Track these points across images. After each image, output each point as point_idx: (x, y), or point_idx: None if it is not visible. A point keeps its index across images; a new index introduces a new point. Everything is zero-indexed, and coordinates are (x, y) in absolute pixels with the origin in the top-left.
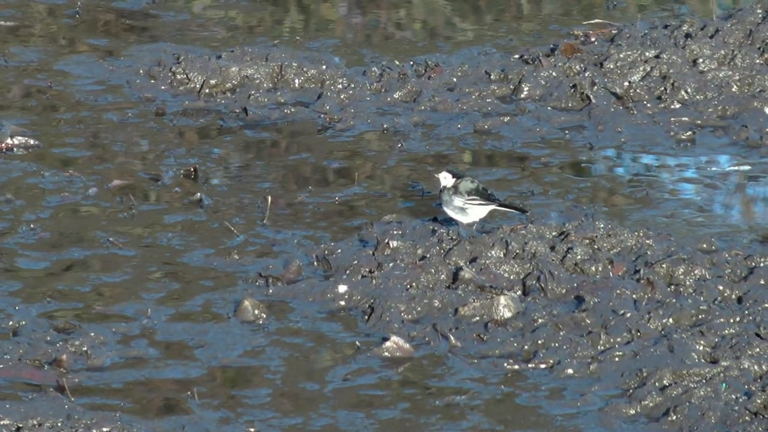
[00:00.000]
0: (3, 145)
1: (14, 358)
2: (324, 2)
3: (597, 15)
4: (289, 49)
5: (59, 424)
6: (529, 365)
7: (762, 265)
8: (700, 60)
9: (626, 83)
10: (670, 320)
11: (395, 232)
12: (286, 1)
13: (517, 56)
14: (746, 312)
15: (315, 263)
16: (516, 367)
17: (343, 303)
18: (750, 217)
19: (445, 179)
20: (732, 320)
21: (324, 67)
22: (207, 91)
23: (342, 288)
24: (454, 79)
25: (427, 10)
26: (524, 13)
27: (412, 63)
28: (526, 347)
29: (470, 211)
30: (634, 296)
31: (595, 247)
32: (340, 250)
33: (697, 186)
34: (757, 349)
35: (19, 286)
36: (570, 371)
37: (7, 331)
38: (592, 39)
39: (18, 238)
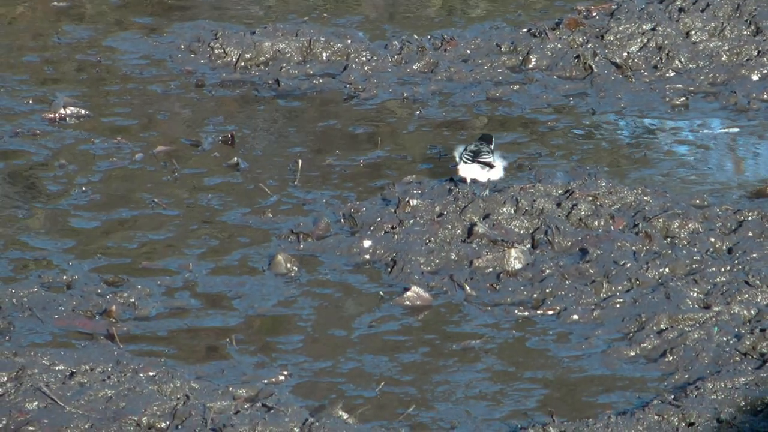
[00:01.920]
0: (57, 115)
1: (68, 310)
2: None
3: None
4: (317, 25)
5: (109, 369)
6: (538, 312)
7: (750, 218)
8: (693, 32)
9: (625, 54)
10: (667, 270)
11: (415, 191)
12: None
13: (525, 30)
14: (736, 262)
15: (342, 221)
16: (526, 313)
17: (367, 257)
18: (739, 175)
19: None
20: (723, 269)
21: (349, 41)
22: (242, 64)
23: (367, 243)
24: (468, 51)
25: None
26: None
27: (429, 37)
28: (535, 295)
29: (461, 168)
30: (633, 248)
31: (598, 203)
32: (364, 209)
33: (691, 147)
34: (746, 296)
35: (73, 244)
36: (575, 317)
37: (61, 285)
38: (594, 14)
39: (71, 200)
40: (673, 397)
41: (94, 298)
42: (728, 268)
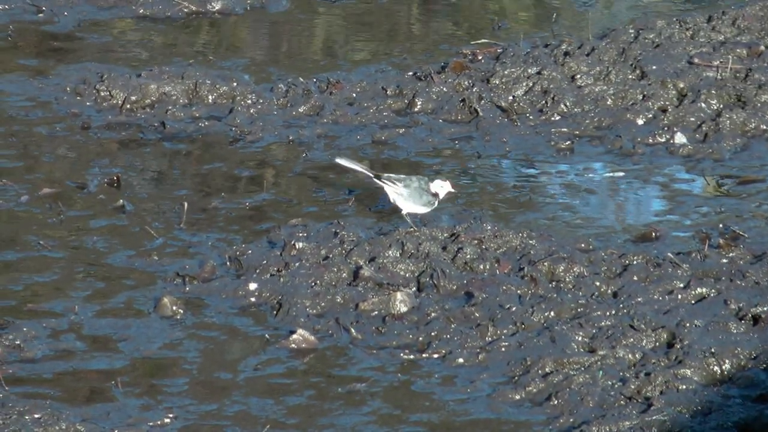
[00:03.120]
0: None
1: None
2: (233, 25)
3: (484, 35)
4: (202, 68)
5: None
6: (424, 355)
7: (635, 262)
8: (578, 76)
9: (511, 97)
10: (552, 313)
11: (301, 234)
12: (199, 24)
13: (410, 73)
14: (621, 305)
15: (228, 263)
16: (411, 357)
17: (253, 299)
18: (623, 219)
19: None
20: (608, 313)
21: (235, 84)
22: (128, 106)
23: (252, 286)
24: (354, 95)
25: (328, 32)
26: (415, 34)
27: (315, 80)
28: (420, 339)
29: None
30: (518, 292)
31: (483, 247)
32: (250, 251)
33: (576, 191)
34: (631, 339)
35: None
36: (461, 360)
37: None
38: (480, 57)
39: None
40: None
41: None
42: (613, 312)
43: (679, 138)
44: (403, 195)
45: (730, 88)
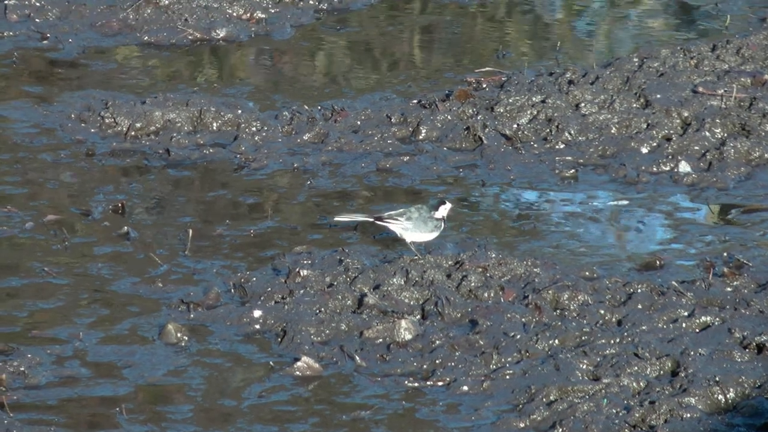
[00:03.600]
0: None
1: None
2: (238, 52)
3: (488, 64)
4: (207, 95)
5: None
6: (428, 383)
7: (639, 291)
8: (582, 104)
9: (515, 125)
10: (556, 341)
11: (305, 261)
12: (203, 51)
13: (415, 101)
14: (625, 334)
15: (232, 290)
16: (416, 384)
17: (258, 327)
18: (628, 247)
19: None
20: (612, 341)
21: (239, 111)
22: (133, 133)
23: (257, 313)
24: (358, 122)
25: (332, 60)
26: (419, 62)
27: (319, 107)
28: (425, 366)
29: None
30: (523, 320)
31: (488, 275)
32: (255, 279)
33: (580, 219)
34: (636, 368)
35: None
36: (465, 388)
37: None
38: (484, 85)
39: None
40: None
41: None
42: (618, 340)
43: (684, 167)
44: (410, 228)
45: (735, 116)
